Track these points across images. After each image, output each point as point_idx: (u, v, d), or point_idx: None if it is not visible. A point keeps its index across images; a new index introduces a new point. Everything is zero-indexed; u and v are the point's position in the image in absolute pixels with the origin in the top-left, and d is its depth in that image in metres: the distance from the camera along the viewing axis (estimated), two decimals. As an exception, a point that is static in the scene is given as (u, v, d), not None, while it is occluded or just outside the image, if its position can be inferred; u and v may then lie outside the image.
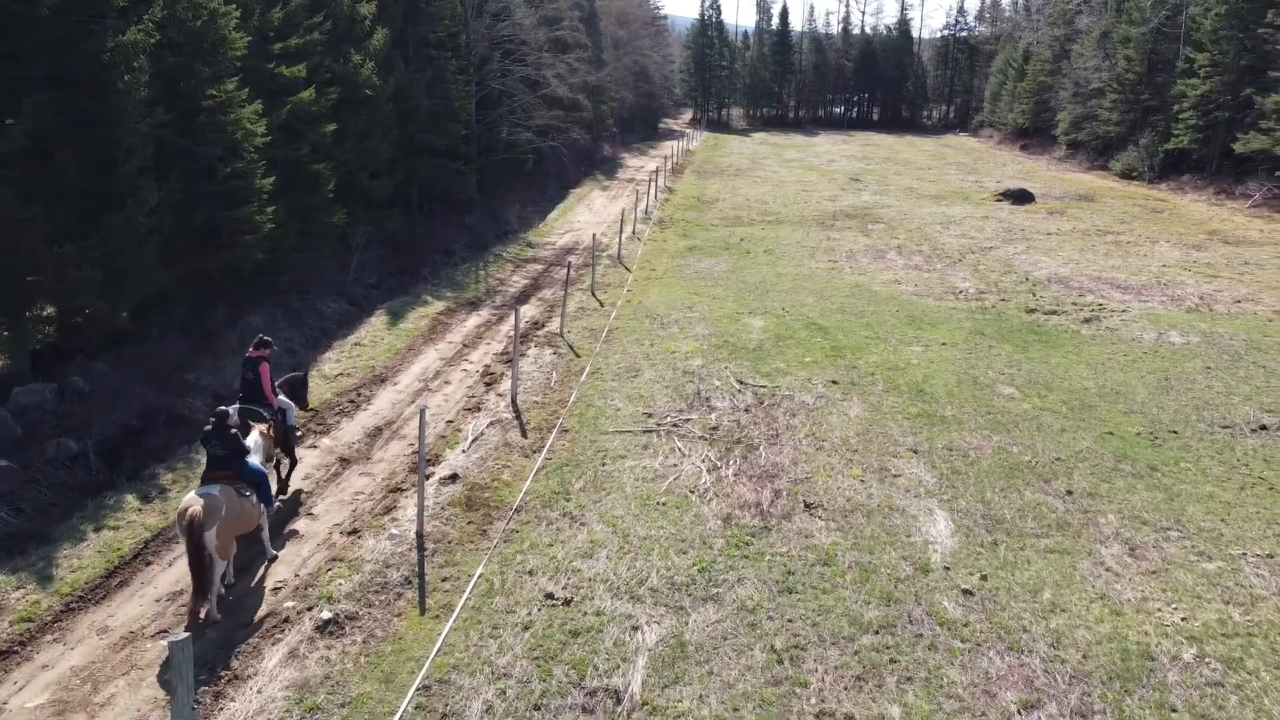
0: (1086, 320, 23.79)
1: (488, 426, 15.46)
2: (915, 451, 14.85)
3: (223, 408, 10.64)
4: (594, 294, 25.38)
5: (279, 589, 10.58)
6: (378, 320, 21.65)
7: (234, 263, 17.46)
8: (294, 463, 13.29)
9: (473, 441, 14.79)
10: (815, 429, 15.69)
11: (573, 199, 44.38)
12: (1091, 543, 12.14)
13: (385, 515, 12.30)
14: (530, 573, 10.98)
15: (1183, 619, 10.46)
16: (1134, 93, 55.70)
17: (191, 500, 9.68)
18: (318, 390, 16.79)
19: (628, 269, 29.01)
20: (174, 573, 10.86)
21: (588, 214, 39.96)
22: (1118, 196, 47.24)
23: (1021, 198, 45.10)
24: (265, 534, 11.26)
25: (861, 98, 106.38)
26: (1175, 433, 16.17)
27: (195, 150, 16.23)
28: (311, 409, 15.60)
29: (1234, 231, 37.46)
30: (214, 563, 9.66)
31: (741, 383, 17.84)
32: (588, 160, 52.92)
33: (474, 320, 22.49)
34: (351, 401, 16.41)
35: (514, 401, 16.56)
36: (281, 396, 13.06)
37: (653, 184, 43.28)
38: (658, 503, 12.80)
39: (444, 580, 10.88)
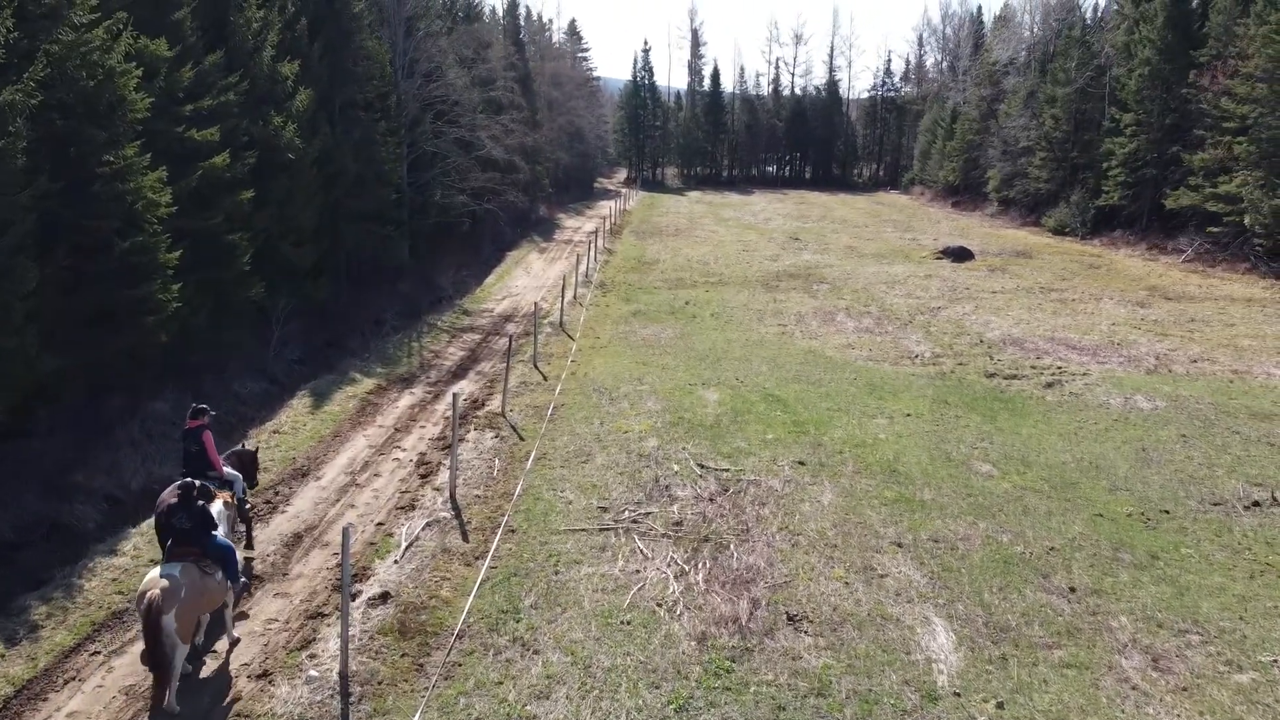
0: (1049, 385, 22.93)
1: (424, 529, 13.72)
2: (899, 545, 13.48)
3: (188, 479, 10.17)
4: (536, 366, 23.82)
5: (168, 760, 8.68)
6: (300, 402, 19.77)
7: (135, 347, 15.56)
8: (250, 541, 12.53)
9: (406, 549, 13.04)
10: (788, 520, 14.26)
11: (510, 262, 42.95)
12: (1109, 653, 10.84)
13: (303, 650, 10.46)
14: (477, 722, 9.26)
15: (1231, 751, 9.15)
16: (1062, 151, 56.54)
17: (150, 582, 9.13)
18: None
19: (570, 336, 27.55)
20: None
21: (526, 278, 38.53)
22: (1054, 253, 47.42)
23: (961, 255, 44.93)
24: (229, 613, 10.50)
25: (793, 156, 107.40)
26: (1167, 512, 15.11)
27: (87, 223, 14.41)
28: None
29: (1173, 287, 37.51)
30: (176, 648, 9.06)
31: (703, 466, 16.38)
32: (524, 222, 51.66)
33: (407, 400, 20.73)
34: (267, 502, 14.51)
35: (453, 497, 14.85)
36: (229, 469, 12.44)
37: (592, 245, 42.10)
38: (621, 621, 11.18)
39: (373, 735, 9.10)
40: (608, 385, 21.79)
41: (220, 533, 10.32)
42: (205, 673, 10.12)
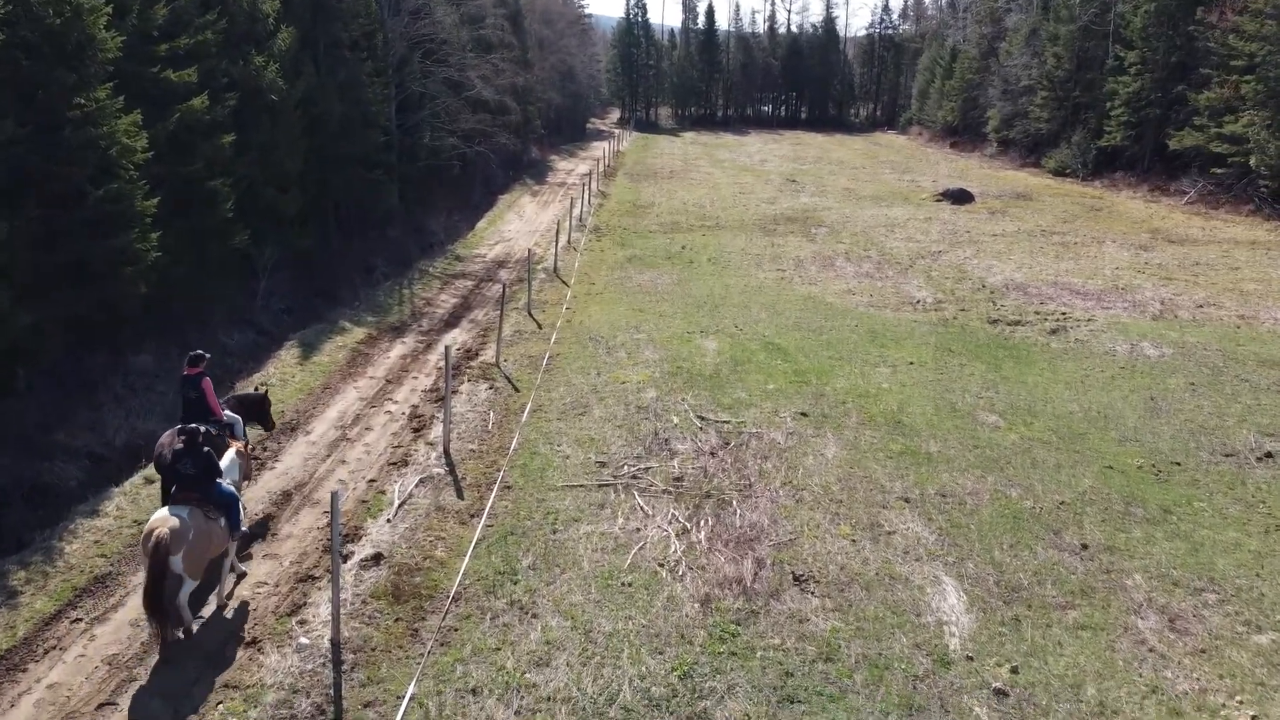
0: (1053, 331, 22.51)
1: (417, 486, 13.31)
2: (907, 500, 13.13)
3: (194, 425, 10.21)
4: (530, 314, 23.29)
5: (153, 735, 8.33)
6: (289, 353, 19.25)
7: (113, 300, 14.97)
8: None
9: (399, 507, 12.64)
10: (791, 475, 13.88)
11: (502, 206, 42.11)
12: (1124, 614, 10.53)
13: (293, 616, 10.09)
14: (474, 691, 8.93)
15: (1253, 716, 8.86)
16: (1064, 90, 55.42)
17: (159, 520, 9.19)
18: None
19: (565, 283, 26.97)
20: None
21: (519, 222, 37.77)
22: (1055, 195, 46.70)
23: (961, 198, 44.20)
24: (230, 560, 10.45)
25: (789, 96, 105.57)
26: (1178, 464, 14.78)
27: (58, 171, 13.72)
28: None
29: (1176, 230, 36.93)
30: (183, 583, 9.29)
31: (703, 419, 15.96)
32: (516, 165, 50.63)
33: (398, 349, 20.22)
34: (255, 459, 14.06)
35: (447, 452, 14.43)
36: (228, 412, 12.49)
37: (585, 189, 41.25)
38: (622, 583, 10.83)
39: (366, 706, 8.76)
40: (604, 334, 21.29)
41: (227, 481, 10.31)
42: (193, 637, 9.76)
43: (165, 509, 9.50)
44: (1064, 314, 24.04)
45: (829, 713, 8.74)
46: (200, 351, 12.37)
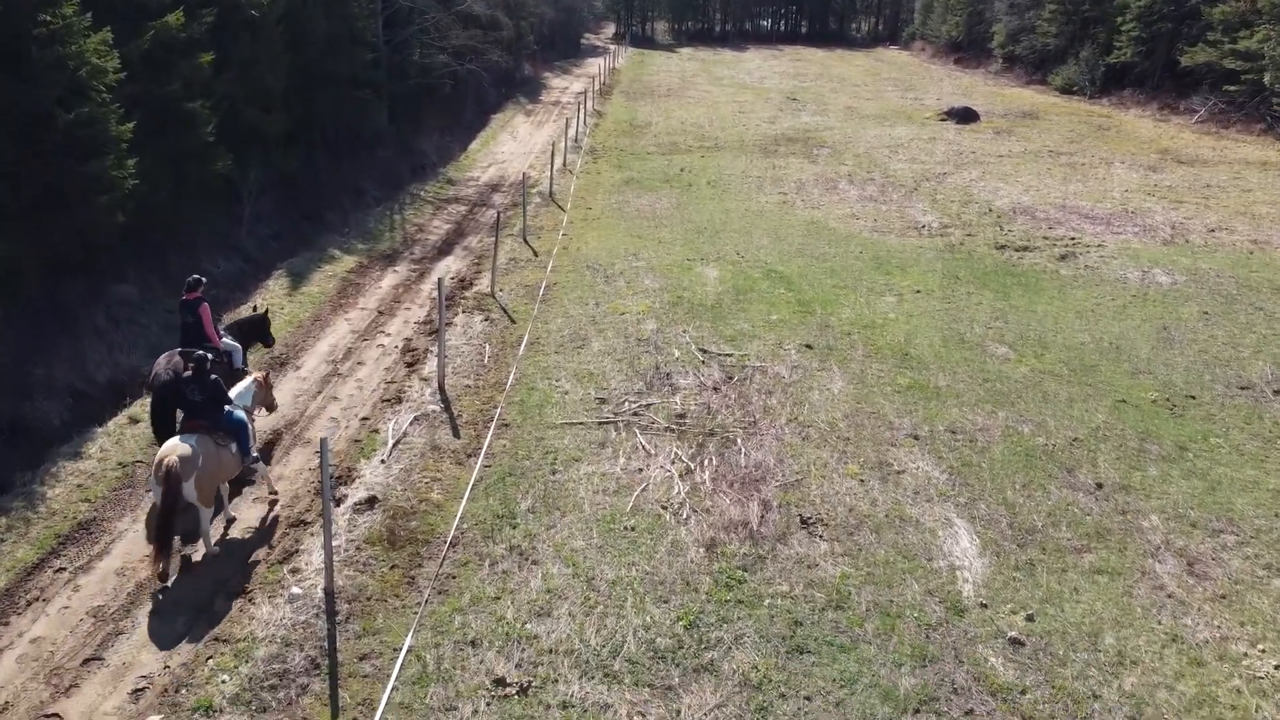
0: (1062, 257, 21.96)
1: (411, 424, 12.89)
2: (916, 438, 12.76)
3: (200, 353, 10.20)
4: (526, 240, 22.64)
5: (139, 692, 8.02)
6: (277, 283, 18.65)
7: (90, 229, 14.31)
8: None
9: (393, 447, 12.24)
10: (797, 410, 13.48)
11: (495, 126, 40.95)
12: (1141, 557, 10.24)
13: (284, 564, 9.75)
14: (473, 643, 8.63)
15: (1276, 666, 8.61)
16: (1073, 4, 53.64)
17: (169, 449, 9.21)
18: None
19: (561, 208, 26.24)
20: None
21: (512, 143, 36.73)
22: (1061, 114, 45.55)
23: (966, 116, 43.10)
24: (264, 477, 10.92)
25: (789, 10, 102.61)
26: (1193, 398, 14.40)
27: (24, 94, 12.95)
28: None
29: (1185, 150, 36.04)
30: (199, 511, 9.45)
31: (705, 351, 15.50)
32: (509, 83, 49.14)
33: (390, 278, 19.62)
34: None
35: (441, 388, 13.99)
36: (227, 339, 12.35)
37: (580, 108, 40.08)
38: (625, 527, 10.49)
39: (362, 659, 8.47)
40: (602, 261, 20.70)
41: (238, 408, 10.27)
42: (182, 587, 9.44)
43: (175, 438, 9.46)
44: (1073, 239, 23.45)
45: (840, 664, 8.47)
46: (198, 276, 12.15)
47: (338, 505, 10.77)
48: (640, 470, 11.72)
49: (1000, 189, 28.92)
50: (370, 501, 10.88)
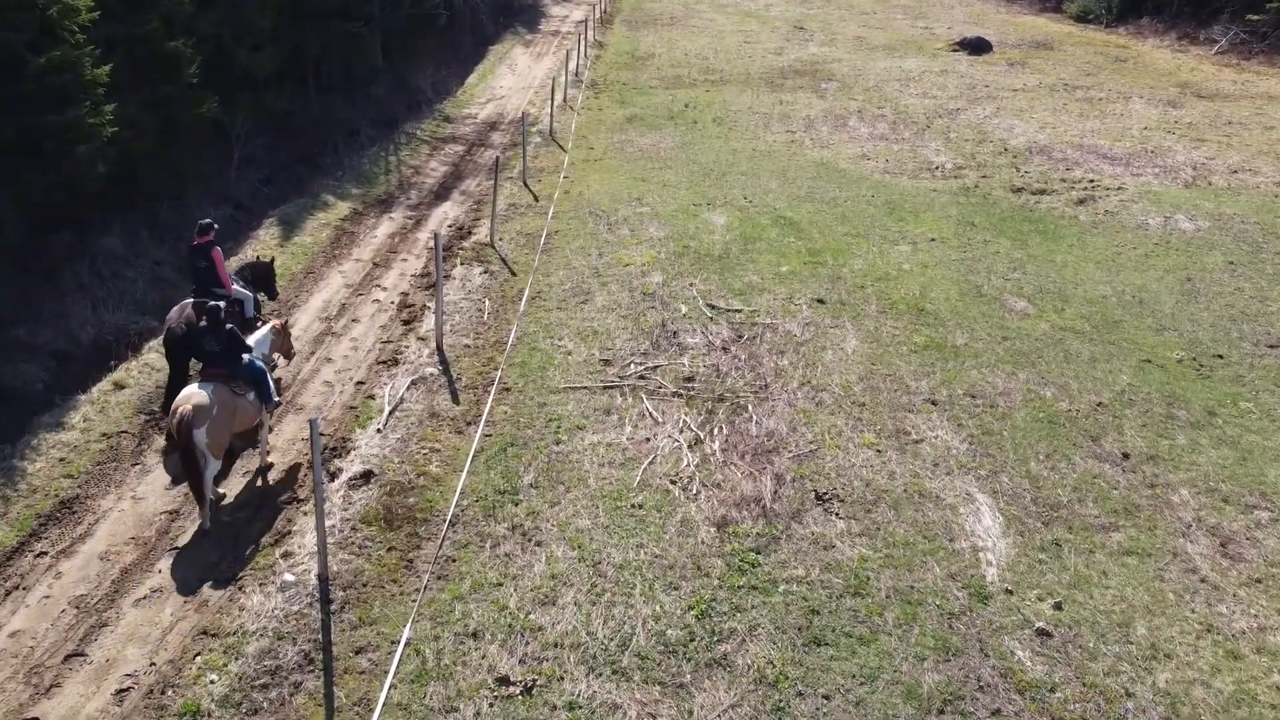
0: (1080, 201, 21.21)
1: (408, 389, 12.37)
2: (933, 403, 12.25)
3: (214, 303, 10.14)
4: (526, 184, 21.86)
5: (123, 692, 7.63)
6: (268, 233, 17.95)
7: (69, 180, 13.61)
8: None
9: (390, 414, 11.74)
10: (809, 373, 12.95)
11: (493, 58, 39.62)
12: (1172, 535, 9.81)
13: (276, 548, 9.32)
14: (474, 635, 8.23)
15: (1317, 660, 8.22)
16: (1092, -75, 51.68)
17: (184, 398, 9.30)
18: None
19: (562, 148, 25.37)
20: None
21: (511, 77, 35.54)
22: (1077, 44, 44.09)
23: (978, 47, 41.67)
24: (264, 433, 10.60)
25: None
26: (1220, 357, 13.87)
27: (-9, 36, 12.17)
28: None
29: (1206, 83, 34.87)
30: (207, 462, 9.24)
31: (713, 307, 14.92)
32: (507, 12, 47.52)
33: (385, 226, 18.92)
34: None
35: (440, 348, 13.44)
36: (238, 286, 12.12)
37: (581, 38, 38.73)
38: (632, 505, 10.04)
39: (358, 653, 8.08)
40: (605, 207, 19.98)
41: (255, 356, 10.22)
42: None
43: (192, 385, 9.54)
44: (1091, 181, 22.65)
45: (859, 658, 8.09)
46: (209, 220, 12.02)
47: (332, 480, 10.32)
48: (647, 440, 11.24)
49: (1016, 126, 27.96)
50: (366, 476, 10.41)
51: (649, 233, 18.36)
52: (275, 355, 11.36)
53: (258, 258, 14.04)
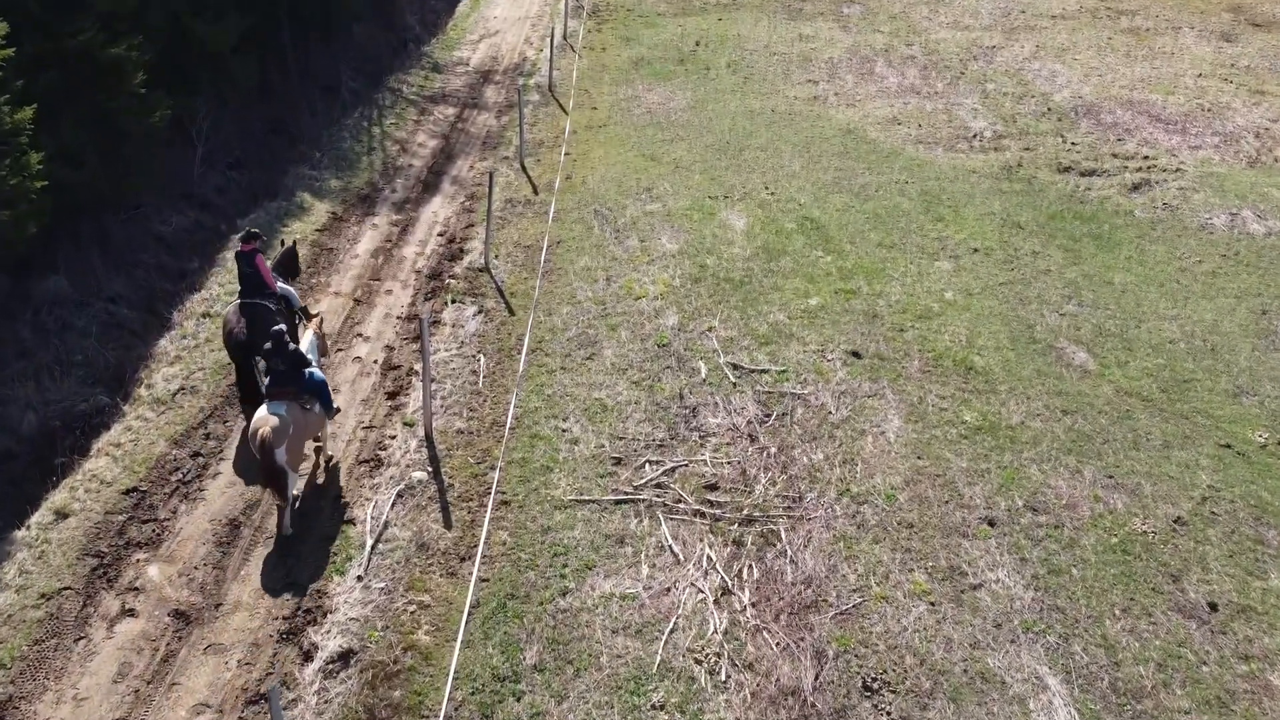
0: (1135, 187, 19.26)
1: (394, 504, 10.88)
2: (991, 523, 10.78)
3: (277, 327, 10.66)
4: (524, 167, 19.83)
5: None
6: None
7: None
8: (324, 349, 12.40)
9: (373, 548, 10.28)
10: (848, 473, 11.44)
11: (485, -25, 36.46)
12: (1275, 742, 8.50)
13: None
14: None
15: None
16: None
17: (260, 420, 10.04)
18: (145, 450, 11.90)
19: (563, 108, 23.15)
20: None
21: (506, 4, 32.55)
22: (1119, -52, 40.60)
23: (1013, -44, 38.29)
24: (325, 436, 11.43)
25: None
26: (1309, 438, 12.31)
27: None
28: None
29: (1259, 7, 31.98)
30: (289, 476, 10.07)
31: (737, 369, 13.28)
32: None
33: (368, 239, 16.99)
34: (195, 456, 11.53)
35: (429, 438, 11.89)
36: (281, 284, 12.53)
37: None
38: (652, 705, 8.67)
39: None
40: (611, 202, 18.06)
41: (315, 370, 10.75)
42: None
43: (264, 407, 10.19)
44: (1146, 157, 20.57)
45: None
46: (253, 230, 12.36)
47: (307, 662, 8.95)
48: (667, 591, 9.82)
49: (1058, 75, 25.49)
50: (345, 657, 9.04)
51: (661, 245, 16.52)
52: (321, 358, 11.73)
53: (280, 242, 14.25)
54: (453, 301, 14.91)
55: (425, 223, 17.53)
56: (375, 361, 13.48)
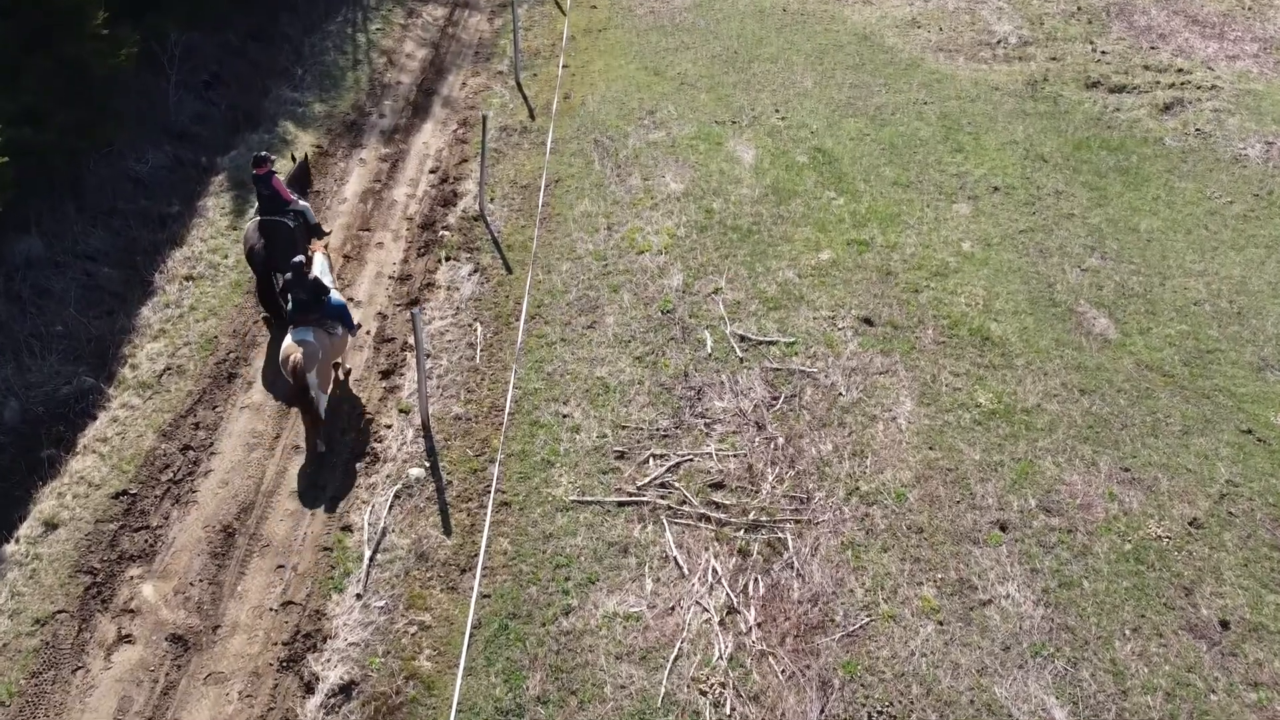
0: (1167, 107, 18.22)
1: (391, 508, 10.62)
2: (1003, 528, 10.54)
3: (297, 258, 11.05)
4: (519, 85, 18.70)
5: None
6: (215, 202, 15.19)
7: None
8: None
9: (371, 559, 10.08)
10: (857, 468, 11.13)
11: None
12: (1279, 782, 8.51)
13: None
14: None
15: None
16: None
17: (290, 347, 10.64)
18: (133, 445, 11.52)
19: (560, 6, 21.73)
20: None
21: None
22: None
23: None
24: (345, 353, 11.98)
25: None
26: (1333, 421, 11.94)
27: None
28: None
29: None
30: (320, 398, 10.80)
31: (743, 339, 12.79)
32: None
33: (356, 176, 16.13)
34: (185, 450, 11.18)
35: (426, 427, 11.52)
36: (297, 199, 12.75)
37: None
38: (657, 742, 8.65)
39: None
40: (613, 129, 17.13)
41: (333, 292, 11.29)
42: None
43: (290, 334, 10.80)
44: (1180, 70, 19.39)
45: None
46: (262, 153, 12.56)
47: (308, 695, 8.88)
48: (672, 610, 9.66)
49: (1091, -38, 23.75)
50: (346, 690, 8.95)
51: (666, 184, 15.73)
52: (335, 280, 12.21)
53: (291, 156, 14.29)
54: (447, 259, 14.24)
55: (416, 156, 16.62)
56: (368, 332, 12.96)
